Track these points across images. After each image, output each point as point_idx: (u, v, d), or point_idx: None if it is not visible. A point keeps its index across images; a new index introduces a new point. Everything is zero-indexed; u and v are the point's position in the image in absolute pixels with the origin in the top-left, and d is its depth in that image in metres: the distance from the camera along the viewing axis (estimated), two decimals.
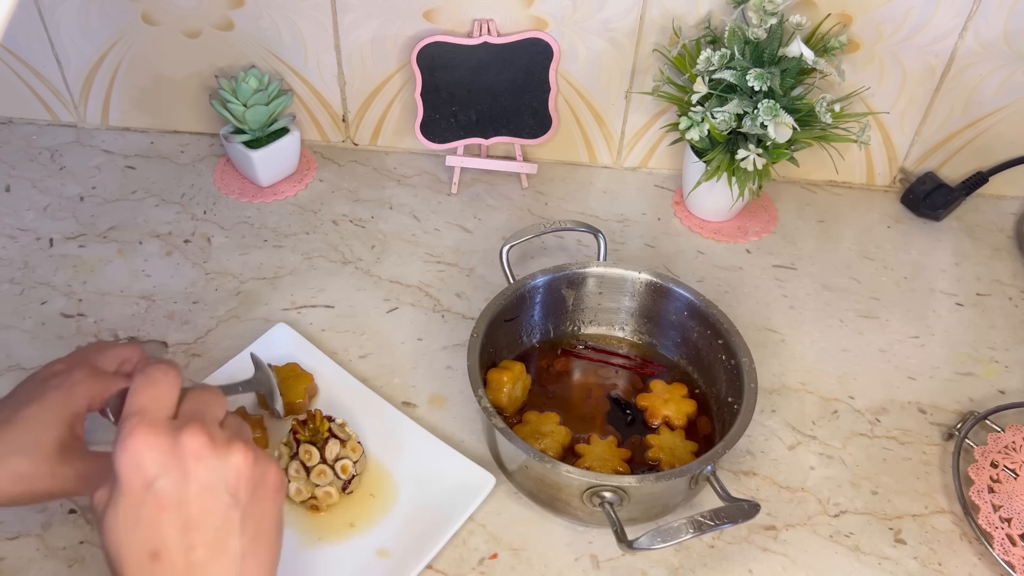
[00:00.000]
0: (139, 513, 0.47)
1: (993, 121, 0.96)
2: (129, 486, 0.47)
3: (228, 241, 0.93)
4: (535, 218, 0.98)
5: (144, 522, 0.47)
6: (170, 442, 0.48)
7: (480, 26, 0.92)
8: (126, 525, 0.47)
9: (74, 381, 0.61)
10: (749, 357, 0.73)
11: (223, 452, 0.49)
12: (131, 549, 0.47)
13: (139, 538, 0.47)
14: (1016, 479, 0.74)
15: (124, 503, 0.47)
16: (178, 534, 0.47)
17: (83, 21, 0.94)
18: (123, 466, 0.48)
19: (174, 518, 0.47)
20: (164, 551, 0.47)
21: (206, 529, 0.48)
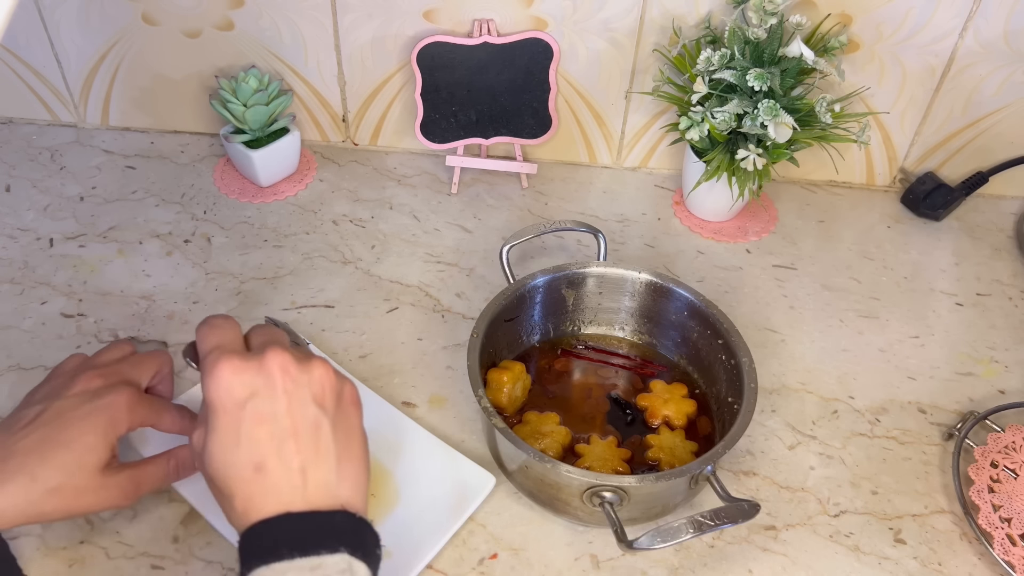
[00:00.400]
0: (238, 433, 0.51)
1: (993, 121, 0.97)
2: (224, 411, 0.51)
3: (228, 241, 0.93)
4: (535, 218, 0.98)
5: (244, 439, 0.51)
6: (255, 364, 0.52)
7: (480, 26, 0.92)
8: (227, 446, 0.51)
9: (120, 405, 0.62)
10: (749, 357, 0.73)
11: (306, 366, 0.54)
12: (236, 467, 0.50)
13: (241, 455, 0.51)
14: (1016, 479, 0.74)
15: (222, 428, 0.51)
16: (277, 445, 0.51)
17: (83, 21, 0.94)
18: (215, 395, 0.51)
19: (271, 431, 0.51)
20: (267, 462, 0.51)
21: (302, 437, 0.52)
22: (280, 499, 0.51)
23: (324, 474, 0.52)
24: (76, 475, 0.59)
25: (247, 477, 0.51)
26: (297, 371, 0.53)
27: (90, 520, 0.69)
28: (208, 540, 0.69)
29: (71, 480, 0.59)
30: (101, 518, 0.69)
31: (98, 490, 0.60)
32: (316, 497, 0.51)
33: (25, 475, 0.57)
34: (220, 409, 0.51)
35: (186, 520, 0.70)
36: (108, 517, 0.69)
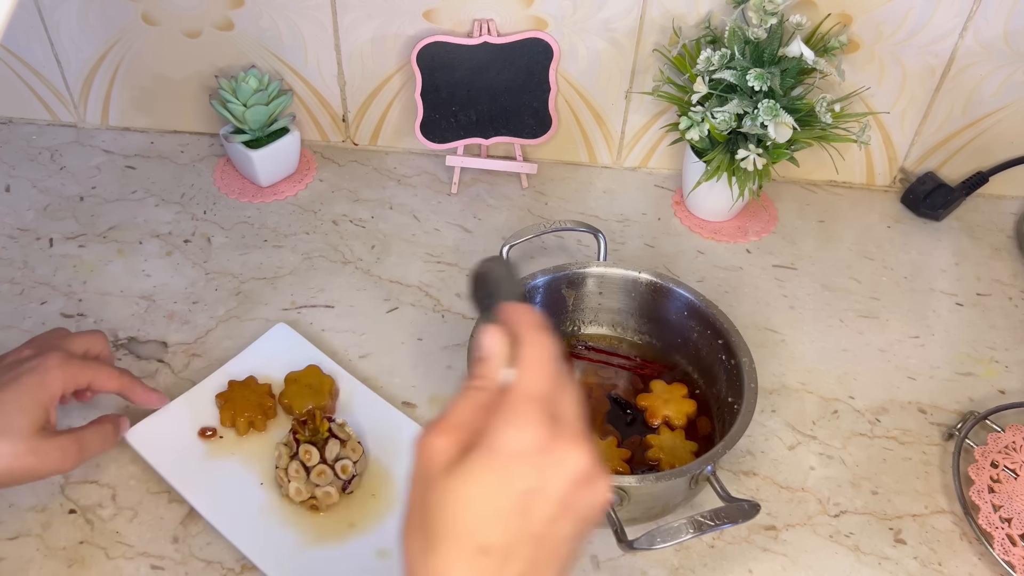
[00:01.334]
0: (495, 505, 0.41)
1: (993, 121, 0.96)
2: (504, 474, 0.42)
3: (228, 241, 0.93)
4: (535, 218, 0.98)
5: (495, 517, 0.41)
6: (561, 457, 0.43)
7: (480, 26, 0.92)
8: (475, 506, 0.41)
9: (47, 367, 0.64)
10: (749, 357, 0.73)
11: (595, 486, 0.44)
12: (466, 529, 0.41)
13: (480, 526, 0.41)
14: (1016, 479, 0.74)
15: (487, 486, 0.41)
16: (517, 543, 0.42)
17: (83, 21, 0.94)
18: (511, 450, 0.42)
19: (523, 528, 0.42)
20: (494, 551, 0.41)
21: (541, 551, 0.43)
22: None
23: None
24: (11, 437, 0.60)
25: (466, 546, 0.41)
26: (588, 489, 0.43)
27: (90, 520, 0.69)
28: (208, 540, 0.69)
29: (7, 443, 0.60)
30: (101, 518, 0.69)
31: (37, 452, 0.61)
32: None
33: None
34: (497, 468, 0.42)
35: (186, 520, 0.70)
36: (108, 517, 0.69)
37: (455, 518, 0.41)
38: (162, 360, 0.81)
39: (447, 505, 0.41)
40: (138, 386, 0.71)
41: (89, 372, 0.67)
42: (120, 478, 0.72)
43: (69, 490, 0.71)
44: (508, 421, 0.42)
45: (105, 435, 0.68)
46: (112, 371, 0.69)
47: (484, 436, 0.42)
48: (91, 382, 0.67)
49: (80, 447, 0.64)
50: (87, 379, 0.67)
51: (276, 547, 0.67)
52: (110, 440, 0.69)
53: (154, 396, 0.73)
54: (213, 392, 0.76)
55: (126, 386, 0.70)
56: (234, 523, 0.68)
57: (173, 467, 0.71)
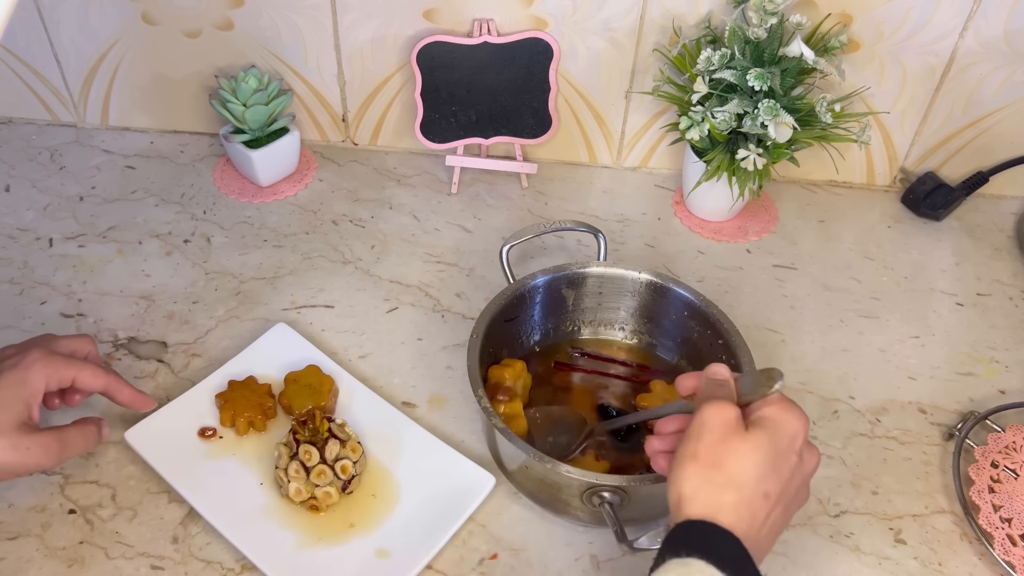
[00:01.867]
0: (773, 464, 0.55)
1: (993, 121, 0.96)
2: (781, 445, 0.55)
3: (228, 241, 0.93)
4: (535, 218, 0.98)
5: (772, 473, 0.55)
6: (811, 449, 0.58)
7: (480, 26, 0.92)
8: (761, 466, 0.54)
9: (29, 362, 0.64)
10: (749, 357, 0.73)
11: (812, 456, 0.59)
12: (754, 481, 0.54)
13: (769, 471, 0.54)
14: (1016, 479, 0.74)
15: (780, 441, 0.55)
16: (783, 493, 0.55)
17: (83, 21, 0.94)
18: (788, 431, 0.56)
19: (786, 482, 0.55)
20: (772, 497, 0.54)
21: (790, 508, 0.57)
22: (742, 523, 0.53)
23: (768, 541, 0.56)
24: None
25: (755, 493, 0.54)
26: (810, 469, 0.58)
27: (90, 520, 0.69)
28: (208, 540, 0.69)
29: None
30: (101, 518, 0.69)
31: (18, 447, 0.61)
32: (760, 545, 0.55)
33: None
34: (777, 441, 0.55)
35: (186, 520, 0.70)
36: (108, 517, 0.69)
37: (756, 466, 0.54)
38: (162, 360, 0.81)
39: (751, 456, 0.54)
40: (124, 386, 0.70)
41: (72, 369, 0.66)
42: (120, 478, 0.72)
43: (69, 490, 0.71)
44: (789, 409, 0.57)
45: (88, 435, 0.67)
46: (96, 369, 0.68)
47: (769, 417, 0.56)
48: (75, 379, 0.67)
49: (62, 444, 0.64)
50: (70, 376, 0.66)
51: (276, 547, 0.67)
52: (92, 440, 0.68)
53: (141, 397, 0.72)
54: (213, 392, 0.76)
55: (111, 385, 0.69)
56: (234, 523, 0.68)
57: (173, 467, 0.71)
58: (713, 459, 0.54)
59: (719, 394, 0.58)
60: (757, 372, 0.59)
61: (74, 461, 0.73)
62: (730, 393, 0.59)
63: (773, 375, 0.58)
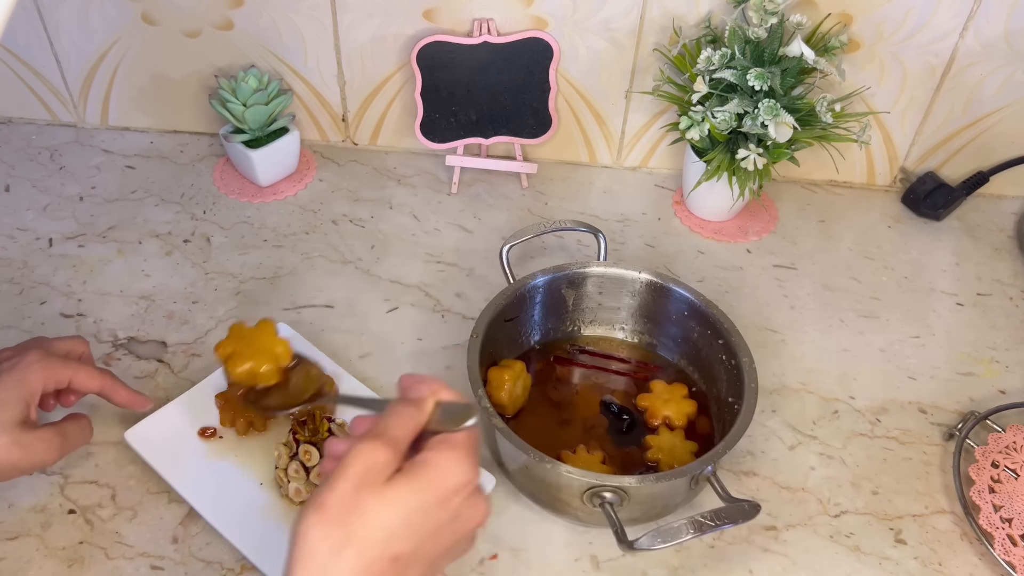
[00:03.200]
0: (420, 521, 0.48)
1: (993, 121, 0.96)
2: (438, 498, 0.48)
3: (228, 241, 0.93)
4: (535, 218, 0.98)
5: (416, 532, 0.47)
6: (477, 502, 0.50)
7: (480, 26, 0.92)
8: (403, 518, 0.47)
9: (27, 363, 0.65)
10: (749, 357, 0.73)
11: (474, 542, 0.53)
12: (388, 537, 0.47)
13: (401, 536, 0.47)
14: (1017, 479, 0.74)
15: (429, 494, 0.48)
16: (419, 555, 0.48)
17: (83, 21, 0.94)
18: (450, 482, 0.48)
19: (432, 548, 0.48)
20: (402, 561, 0.47)
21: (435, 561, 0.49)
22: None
23: None
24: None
25: (383, 553, 0.46)
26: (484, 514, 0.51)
27: (90, 520, 0.69)
28: (208, 540, 0.69)
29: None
30: (101, 518, 0.69)
31: (20, 444, 0.62)
32: None
33: None
34: (435, 491, 0.48)
35: (186, 520, 0.70)
36: (108, 517, 0.69)
37: (386, 525, 0.46)
38: (162, 360, 0.81)
39: (383, 513, 0.46)
40: (119, 386, 0.71)
41: (69, 370, 0.67)
42: (120, 478, 0.72)
43: (69, 490, 0.71)
44: (461, 457, 0.49)
45: (83, 428, 0.69)
46: (92, 370, 0.69)
47: (430, 461, 0.49)
48: (71, 380, 0.67)
49: (63, 438, 0.65)
50: (67, 377, 0.67)
51: (276, 547, 0.67)
52: (87, 433, 0.69)
53: (137, 397, 0.72)
54: (213, 392, 0.76)
55: (107, 386, 0.70)
56: (234, 523, 0.68)
57: (173, 467, 0.71)
58: (340, 513, 0.46)
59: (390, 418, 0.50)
60: (460, 403, 0.53)
61: (74, 461, 0.73)
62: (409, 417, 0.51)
63: (468, 414, 0.51)
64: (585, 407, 0.78)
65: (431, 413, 0.51)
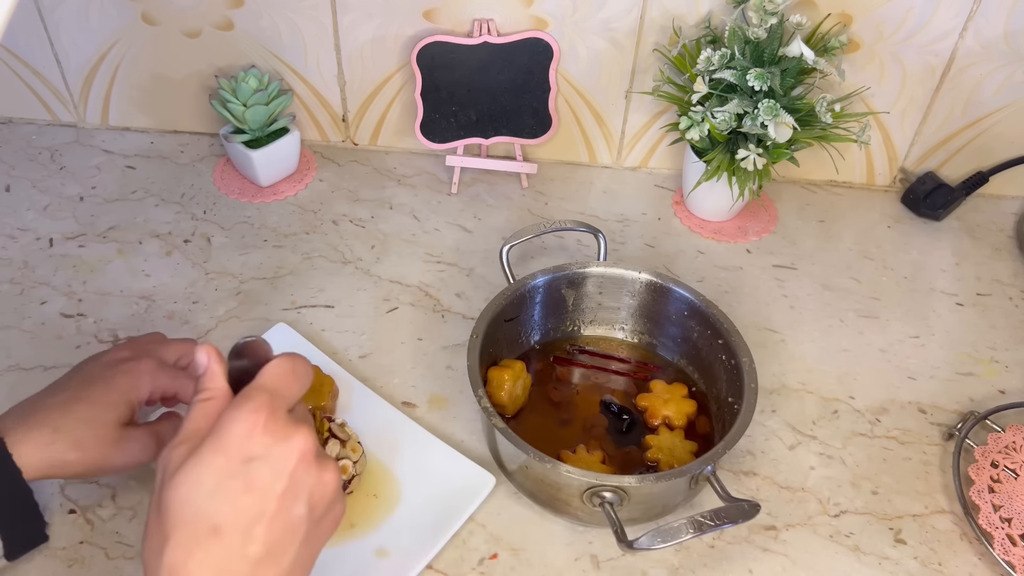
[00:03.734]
0: (222, 483, 0.45)
1: (993, 121, 0.96)
2: (228, 452, 0.46)
3: (228, 241, 0.93)
4: (535, 218, 0.98)
5: (222, 494, 0.45)
6: (284, 432, 0.47)
7: (480, 26, 0.92)
8: (202, 488, 0.45)
9: (142, 370, 0.65)
10: (749, 357, 0.73)
11: (322, 465, 0.49)
12: (195, 513, 0.45)
13: (208, 506, 0.45)
14: (1016, 479, 0.74)
15: (213, 466, 0.45)
16: (248, 521, 0.45)
17: (83, 21, 0.94)
18: (234, 431, 0.46)
19: (252, 504, 0.46)
20: (226, 530, 0.45)
21: (275, 529, 0.46)
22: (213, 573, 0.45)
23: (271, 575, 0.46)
24: (96, 428, 0.61)
25: (198, 530, 0.44)
26: (313, 465, 0.48)
27: (90, 520, 0.69)
28: None
29: (91, 431, 0.61)
30: (101, 518, 0.69)
31: (118, 442, 0.62)
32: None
33: (48, 427, 0.60)
34: (226, 449, 0.46)
35: None
36: (108, 517, 0.69)
37: (184, 504, 0.44)
38: None
39: (178, 496, 0.44)
40: None
41: (177, 384, 0.67)
42: (120, 478, 0.72)
43: (69, 490, 0.71)
44: (234, 407, 0.46)
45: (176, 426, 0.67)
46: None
47: (215, 427, 0.46)
48: (178, 392, 0.68)
49: (157, 440, 0.65)
50: (174, 390, 0.67)
51: None
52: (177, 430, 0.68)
53: None
54: None
55: None
56: None
57: None
58: (153, 521, 0.46)
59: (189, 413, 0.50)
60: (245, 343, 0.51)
61: None
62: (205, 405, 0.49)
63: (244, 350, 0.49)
64: (585, 407, 0.78)
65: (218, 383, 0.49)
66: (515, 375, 0.75)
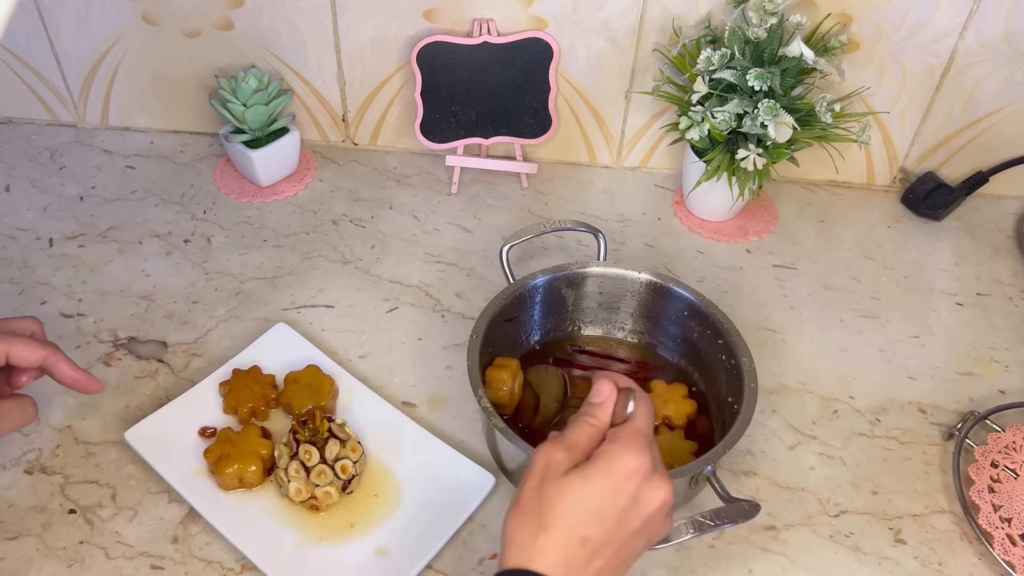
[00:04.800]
0: (601, 506, 0.53)
1: (993, 121, 0.96)
2: (614, 483, 0.53)
3: (228, 241, 0.93)
4: (535, 218, 0.98)
5: (599, 515, 0.53)
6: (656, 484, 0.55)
7: (480, 26, 0.92)
8: (586, 505, 0.53)
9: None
10: (749, 357, 0.73)
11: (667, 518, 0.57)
12: (574, 521, 0.52)
13: (586, 520, 0.52)
14: (1016, 479, 0.74)
15: (599, 489, 0.53)
16: (606, 542, 0.53)
17: (83, 21, 0.94)
18: (622, 467, 0.54)
19: (613, 531, 0.53)
20: (591, 543, 0.52)
21: (619, 554, 0.54)
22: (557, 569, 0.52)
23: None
24: None
25: (572, 535, 0.52)
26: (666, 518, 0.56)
27: (90, 520, 0.69)
28: (208, 540, 0.69)
29: None
30: (101, 518, 0.69)
31: None
32: None
33: None
34: (610, 477, 0.54)
35: (186, 520, 0.70)
36: (108, 517, 0.69)
37: (567, 510, 0.52)
38: (162, 360, 0.81)
39: (563, 500, 0.53)
40: (63, 362, 0.66)
41: (4, 344, 0.64)
42: (120, 478, 0.72)
43: (69, 490, 0.71)
44: (626, 447, 0.54)
45: (23, 407, 0.66)
46: (32, 343, 0.65)
47: (602, 454, 0.54)
48: (8, 353, 0.64)
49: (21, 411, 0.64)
50: (3, 349, 0.64)
51: (276, 547, 0.67)
52: (30, 414, 0.66)
53: (83, 376, 0.68)
54: (213, 392, 0.76)
55: (49, 360, 0.66)
56: (234, 523, 0.68)
57: (173, 467, 0.71)
58: (530, 505, 0.54)
59: (572, 425, 0.57)
60: (626, 391, 0.58)
61: (74, 461, 0.73)
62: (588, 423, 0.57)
63: (627, 398, 0.56)
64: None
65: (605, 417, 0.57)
66: (512, 373, 0.75)
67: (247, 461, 0.70)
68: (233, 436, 0.72)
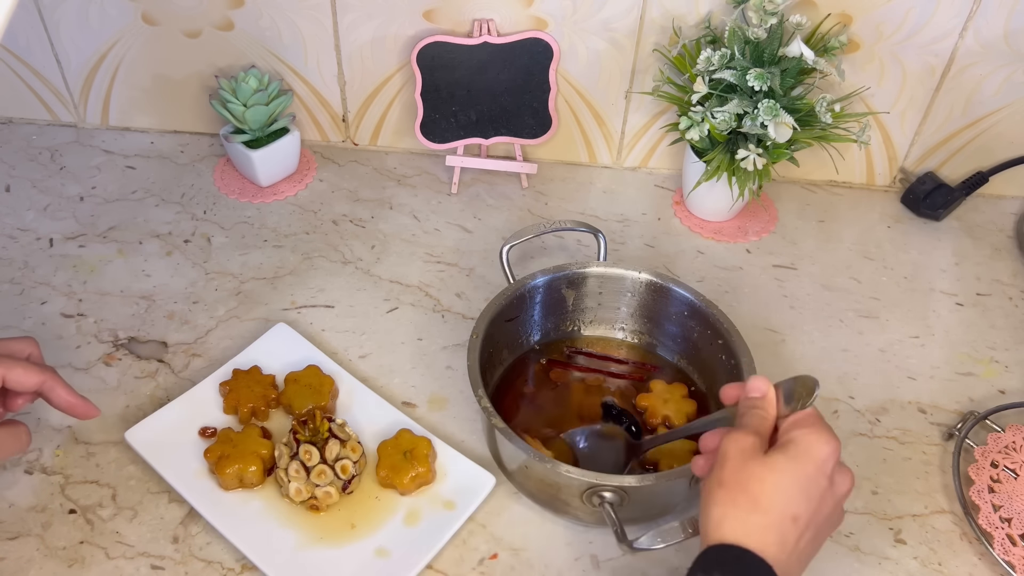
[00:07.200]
0: (806, 487, 0.55)
1: (993, 121, 0.96)
2: (816, 465, 0.56)
3: (228, 241, 0.93)
4: (535, 218, 0.98)
5: (805, 494, 0.55)
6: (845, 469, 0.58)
7: (480, 26, 0.92)
8: (795, 485, 0.55)
9: None
10: (749, 357, 0.73)
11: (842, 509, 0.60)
12: (786, 500, 0.55)
13: (796, 499, 0.55)
14: (1016, 479, 0.74)
15: (804, 471, 0.55)
16: (812, 521, 0.55)
17: (83, 21, 0.94)
18: (820, 452, 0.56)
19: (817, 510, 0.56)
20: (800, 521, 0.55)
21: (818, 536, 0.57)
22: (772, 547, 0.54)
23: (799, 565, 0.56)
24: None
25: (785, 513, 0.54)
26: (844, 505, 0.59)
27: (90, 520, 0.69)
28: (208, 540, 0.69)
29: None
30: (101, 518, 0.69)
31: None
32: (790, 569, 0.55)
33: None
34: (812, 461, 0.56)
35: (186, 520, 0.70)
36: (108, 517, 0.69)
37: (777, 488, 0.55)
38: (162, 360, 0.81)
39: (772, 479, 0.55)
40: (60, 386, 0.65)
41: (1, 368, 0.62)
42: (120, 478, 0.72)
43: (69, 490, 0.71)
44: (820, 432, 0.57)
45: (18, 435, 0.64)
46: (29, 367, 0.64)
47: (798, 438, 0.56)
48: (5, 377, 0.63)
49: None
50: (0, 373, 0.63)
51: (276, 547, 0.67)
52: (23, 442, 0.65)
53: (80, 402, 0.66)
54: (213, 392, 0.76)
55: (46, 385, 0.64)
56: (234, 523, 0.68)
57: (173, 467, 0.71)
58: (737, 484, 0.55)
59: (746, 417, 0.59)
60: (793, 380, 0.59)
61: (74, 461, 0.73)
62: (761, 415, 0.59)
63: (809, 385, 0.57)
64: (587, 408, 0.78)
65: (777, 395, 0.60)
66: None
67: (247, 461, 0.70)
68: (233, 436, 0.72)
